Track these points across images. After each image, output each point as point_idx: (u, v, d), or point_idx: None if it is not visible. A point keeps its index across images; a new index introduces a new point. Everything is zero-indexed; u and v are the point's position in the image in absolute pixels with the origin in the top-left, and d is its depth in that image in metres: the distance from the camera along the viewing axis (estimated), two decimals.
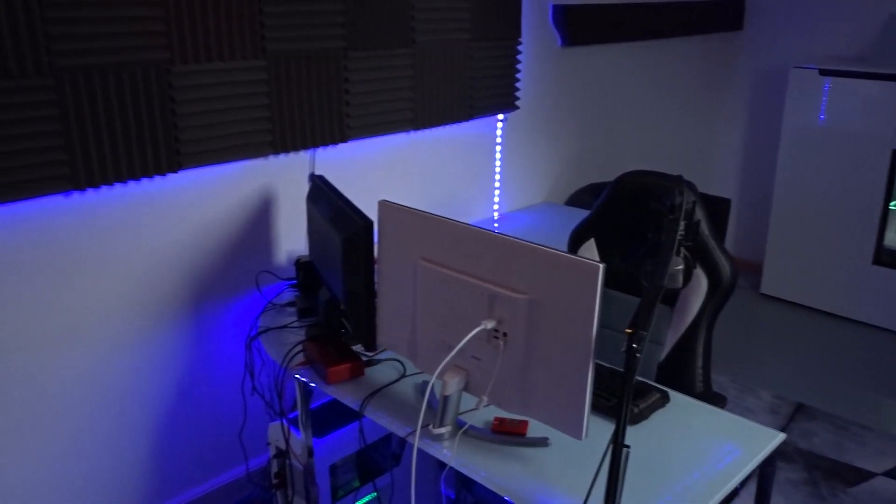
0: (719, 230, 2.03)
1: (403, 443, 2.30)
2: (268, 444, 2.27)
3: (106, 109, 1.99)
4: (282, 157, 2.48)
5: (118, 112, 2.02)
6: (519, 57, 3.18)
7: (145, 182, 2.17)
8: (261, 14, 2.25)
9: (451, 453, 1.56)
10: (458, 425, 1.61)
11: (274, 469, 2.24)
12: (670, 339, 2.05)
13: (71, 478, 2.20)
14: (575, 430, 1.40)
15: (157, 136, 2.11)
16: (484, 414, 1.69)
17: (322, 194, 2.12)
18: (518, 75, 3.22)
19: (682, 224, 1.58)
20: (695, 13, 4.18)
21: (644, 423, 1.66)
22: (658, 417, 1.69)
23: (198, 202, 2.30)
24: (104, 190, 2.09)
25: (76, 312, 2.10)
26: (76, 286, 2.09)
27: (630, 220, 2.12)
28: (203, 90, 2.18)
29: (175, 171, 2.17)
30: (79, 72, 1.92)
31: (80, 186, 1.99)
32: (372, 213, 1.78)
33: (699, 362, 2.01)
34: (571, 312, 1.36)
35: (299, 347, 2.00)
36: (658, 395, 1.72)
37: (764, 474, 1.64)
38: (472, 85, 2.98)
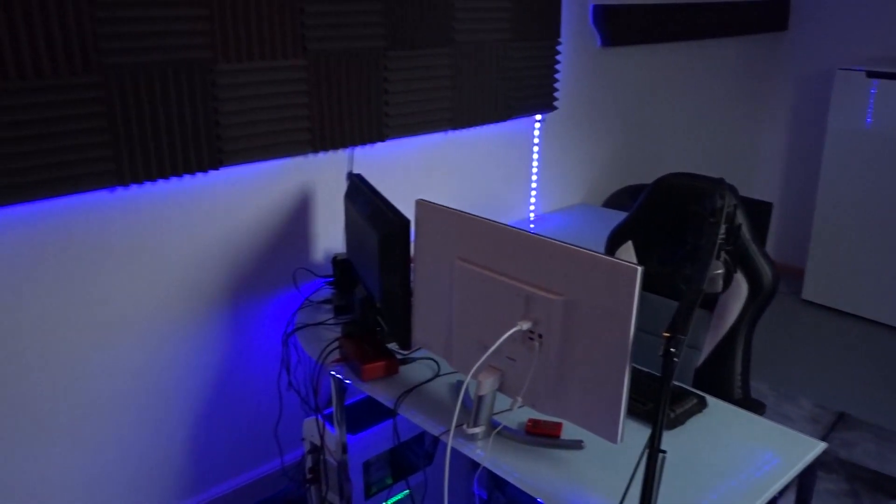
0: (760, 234, 1.99)
1: (437, 441, 2.30)
2: (302, 439, 2.29)
3: (150, 107, 2.03)
4: (321, 155, 2.51)
5: (162, 109, 2.05)
6: (558, 57, 3.17)
7: (187, 178, 2.20)
8: (302, 13, 2.28)
9: (485, 453, 1.56)
10: (492, 425, 1.61)
11: (308, 464, 2.26)
12: (708, 344, 2.02)
13: (113, 468, 2.25)
14: (610, 434, 1.39)
15: (199, 133, 2.14)
16: (518, 415, 1.69)
17: (360, 193, 2.13)
18: (557, 76, 3.20)
19: (722, 227, 1.56)
20: (738, 14, 4.11)
21: (680, 429, 1.64)
22: (695, 423, 1.66)
23: (238, 199, 2.33)
24: (147, 185, 2.13)
25: (118, 306, 2.15)
26: (119, 280, 2.13)
27: (669, 223, 2.09)
28: (244, 88, 2.21)
29: (216, 168, 2.21)
30: (125, 70, 1.96)
31: (124, 182, 2.03)
32: (409, 212, 1.79)
33: (738, 368, 1.98)
34: (608, 315, 1.35)
35: (335, 344, 2.01)
36: (695, 401, 1.69)
37: (804, 484, 1.60)
38: (511, 85, 2.97)
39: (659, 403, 1.21)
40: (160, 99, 2.04)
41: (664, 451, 1.20)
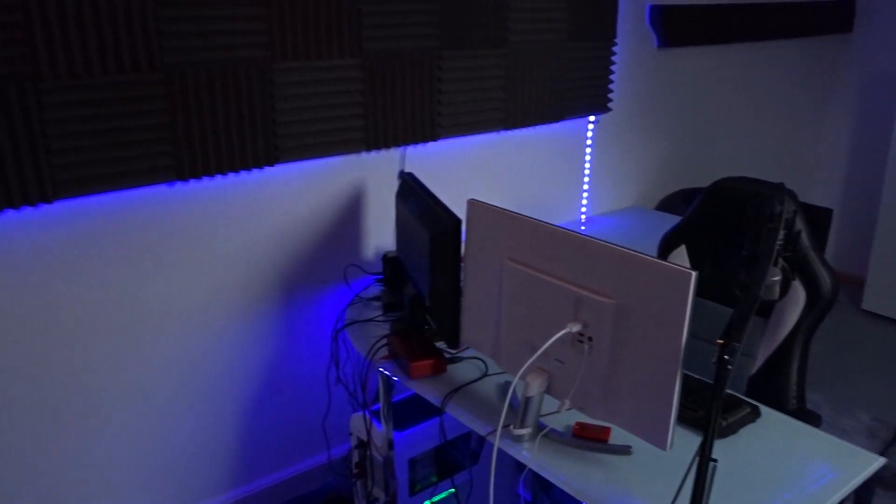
0: (820, 242, 1.94)
1: (482, 442, 2.30)
2: (350, 434, 2.31)
3: (210, 104, 2.08)
4: (373, 153, 2.53)
5: (221, 107, 2.10)
6: (613, 58, 3.13)
7: (243, 174, 2.25)
8: (359, 14, 2.30)
9: (531, 455, 1.56)
10: (539, 427, 1.60)
11: (355, 459, 2.29)
12: (763, 353, 1.98)
13: (163, 455, 2.31)
14: (660, 440, 1.37)
15: (256, 130, 2.18)
16: (565, 418, 1.67)
17: (411, 192, 2.14)
18: (612, 76, 3.17)
19: (781, 234, 1.52)
20: (801, 15, 4.01)
21: (732, 438, 1.61)
22: (747, 433, 1.63)
23: (292, 195, 2.37)
24: (205, 180, 2.18)
25: (175, 297, 2.21)
26: (175, 272, 2.19)
27: (725, 228, 2.05)
28: (301, 87, 2.24)
29: (272, 165, 2.25)
30: (187, 67, 2.01)
31: (183, 177, 2.08)
32: (460, 212, 1.79)
33: (793, 378, 1.93)
34: (660, 320, 1.33)
35: (384, 341, 2.03)
36: (748, 410, 1.66)
37: (860, 500, 1.55)
38: (565, 85, 2.95)
39: (711, 411, 1.19)
40: (219, 97, 2.09)
41: (715, 460, 1.18)
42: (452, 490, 2.29)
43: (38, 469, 2.07)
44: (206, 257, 2.24)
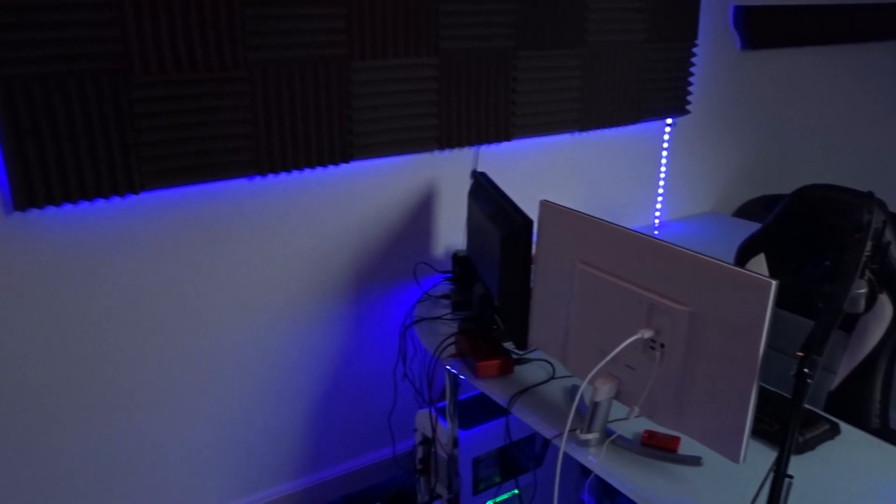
0: None
1: (547, 444, 2.28)
2: (415, 430, 2.33)
3: (289, 101, 2.13)
4: (446, 152, 2.54)
5: (300, 104, 2.15)
6: (694, 59, 3.06)
7: (319, 170, 2.29)
8: (436, 13, 2.32)
9: (597, 461, 1.54)
10: (606, 433, 1.58)
11: (419, 455, 2.30)
12: (844, 368, 1.90)
13: (231, 442, 2.38)
14: (732, 453, 1.33)
15: (333, 127, 2.22)
16: (634, 425, 1.65)
17: (483, 191, 2.14)
18: (691, 78, 3.10)
19: (868, 245, 1.46)
20: (893, 17, 3.82)
21: (809, 454, 1.55)
22: (826, 449, 1.57)
23: (365, 192, 2.40)
24: (282, 175, 2.24)
25: (250, 289, 2.27)
26: (251, 264, 2.25)
27: (808, 237, 1.98)
28: (377, 85, 2.27)
29: (347, 162, 2.29)
30: (269, 66, 2.07)
31: (262, 172, 2.14)
32: (531, 212, 1.78)
33: (877, 396, 1.85)
34: (737, 329, 1.30)
35: (451, 339, 2.04)
36: (827, 426, 1.60)
37: None
38: (642, 87, 2.90)
39: (788, 425, 1.15)
40: (298, 94, 2.14)
41: (791, 476, 1.14)
42: (516, 491, 2.28)
43: (118, 455, 2.16)
44: (281, 251, 2.30)
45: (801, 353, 1.18)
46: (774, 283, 1.24)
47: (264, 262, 2.27)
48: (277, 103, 2.11)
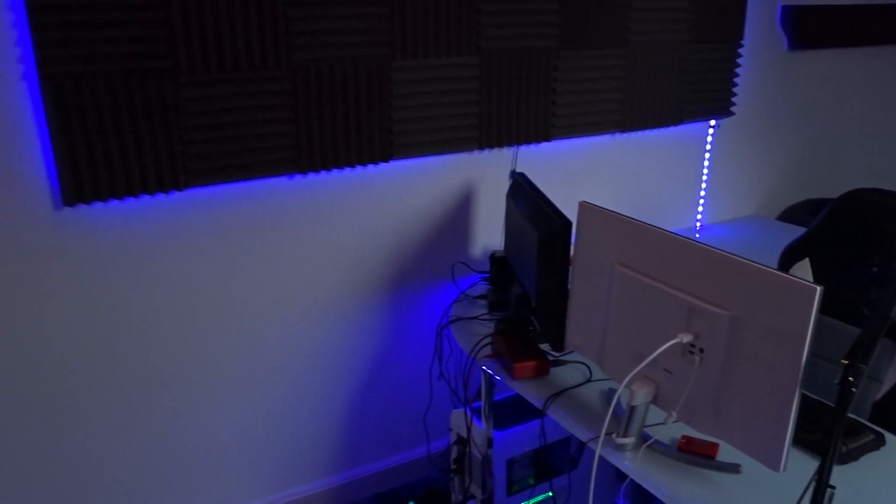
0: None
1: (582, 448, 2.27)
2: (449, 429, 2.34)
3: (330, 100, 2.15)
4: (485, 152, 2.54)
5: (341, 103, 2.17)
6: (739, 60, 3.01)
7: (359, 169, 2.31)
8: (478, 12, 2.31)
9: (633, 465, 1.52)
10: (643, 438, 1.57)
11: (453, 455, 2.31)
12: (891, 378, 1.85)
13: (268, 437, 2.41)
14: (773, 461, 1.31)
15: (373, 126, 2.24)
16: (671, 430, 1.63)
17: (522, 191, 2.14)
18: (736, 79, 3.04)
19: None
20: None
21: (853, 465, 1.51)
22: (870, 460, 1.53)
23: (404, 191, 2.41)
24: (322, 174, 2.26)
25: (289, 285, 2.29)
26: (289, 261, 2.28)
27: (854, 242, 1.93)
28: (418, 85, 2.28)
29: (386, 161, 2.30)
30: (311, 65, 2.09)
31: (303, 170, 2.16)
32: (570, 214, 1.77)
33: None
34: (780, 335, 1.27)
35: (488, 340, 2.04)
36: (872, 437, 1.56)
37: None
38: (685, 88, 2.86)
39: (831, 434, 1.12)
40: (339, 93, 2.16)
41: (833, 487, 1.12)
42: (550, 494, 2.27)
43: (158, 448, 2.21)
44: (319, 248, 2.32)
45: (845, 362, 1.15)
46: (820, 288, 1.21)
47: (303, 259, 2.30)
48: (318, 102, 2.13)
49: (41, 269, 1.92)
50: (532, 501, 2.26)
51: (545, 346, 1.94)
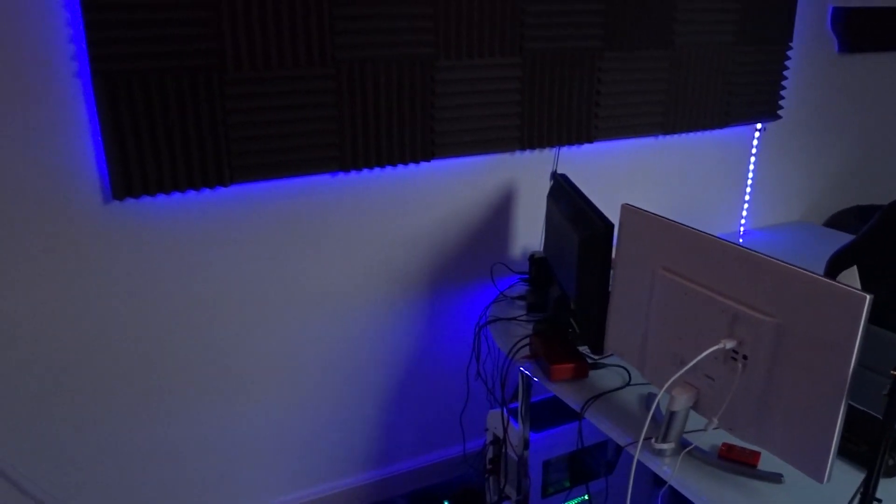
0: None
1: (619, 452, 2.25)
2: (486, 429, 2.34)
3: (374, 99, 2.16)
4: (527, 153, 2.53)
5: (384, 102, 2.18)
6: (787, 63, 2.95)
7: (401, 168, 2.32)
8: (522, 13, 2.31)
9: (672, 471, 1.51)
10: (683, 444, 1.55)
11: (489, 455, 2.31)
12: None
13: (304, 433, 2.44)
14: (816, 472, 1.28)
15: (416, 125, 2.25)
16: (712, 437, 1.61)
17: (563, 193, 2.13)
18: (784, 82, 2.99)
19: None
20: None
21: None
22: None
23: (445, 190, 2.42)
24: (365, 172, 2.28)
25: (329, 282, 2.32)
26: (331, 259, 2.30)
27: None
28: (461, 84, 2.29)
29: (428, 160, 2.31)
30: (355, 63, 2.11)
31: (346, 168, 2.18)
32: (612, 216, 1.76)
33: None
34: (826, 344, 1.25)
35: (526, 341, 2.03)
36: None
37: None
38: (731, 90, 2.82)
39: (877, 447, 1.10)
40: (383, 92, 2.17)
41: (879, 500, 1.10)
42: (586, 497, 2.26)
43: (200, 439, 2.25)
44: (361, 246, 2.34)
45: (895, 373, 1.12)
46: (869, 297, 1.19)
47: (345, 256, 2.32)
48: (362, 101, 2.15)
49: (91, 260, 1.97)
50: None
51: (584, 349, 1.93)
